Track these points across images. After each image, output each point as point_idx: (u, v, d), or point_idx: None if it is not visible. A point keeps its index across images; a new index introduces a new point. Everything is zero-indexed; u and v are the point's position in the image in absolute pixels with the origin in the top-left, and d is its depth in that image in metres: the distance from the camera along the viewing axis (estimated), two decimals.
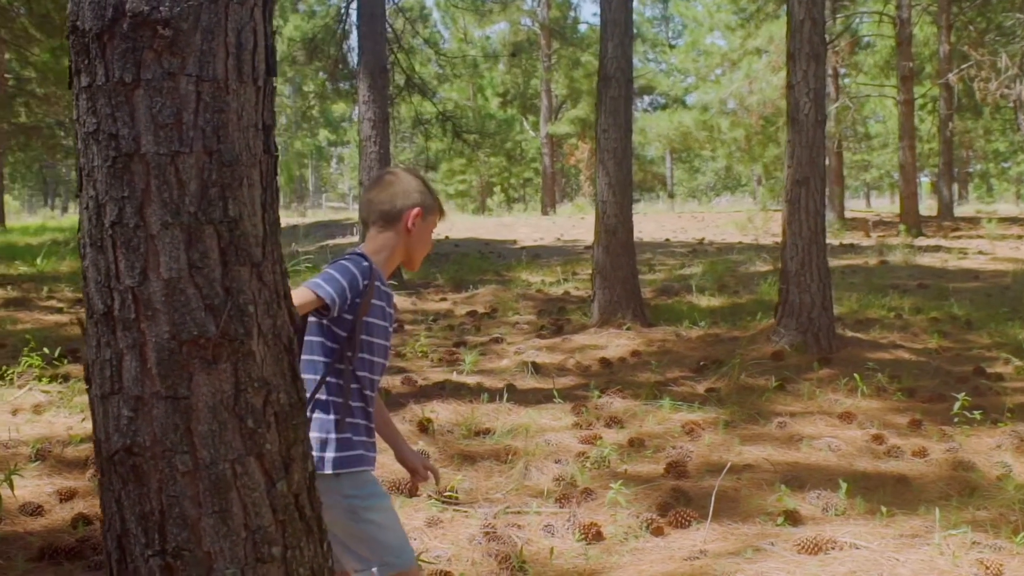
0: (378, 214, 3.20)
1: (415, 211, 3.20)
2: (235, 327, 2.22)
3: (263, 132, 2.35)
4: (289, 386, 2.33)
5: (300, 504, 2.32)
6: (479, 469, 6.45)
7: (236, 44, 2.25)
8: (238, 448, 2.22)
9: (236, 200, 2.27)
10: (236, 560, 2.22)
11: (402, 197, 3.20)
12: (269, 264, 2.37)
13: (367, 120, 17.19)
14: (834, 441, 6.93)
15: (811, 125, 10.39)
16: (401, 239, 3.20)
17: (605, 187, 12.32)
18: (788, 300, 10.53)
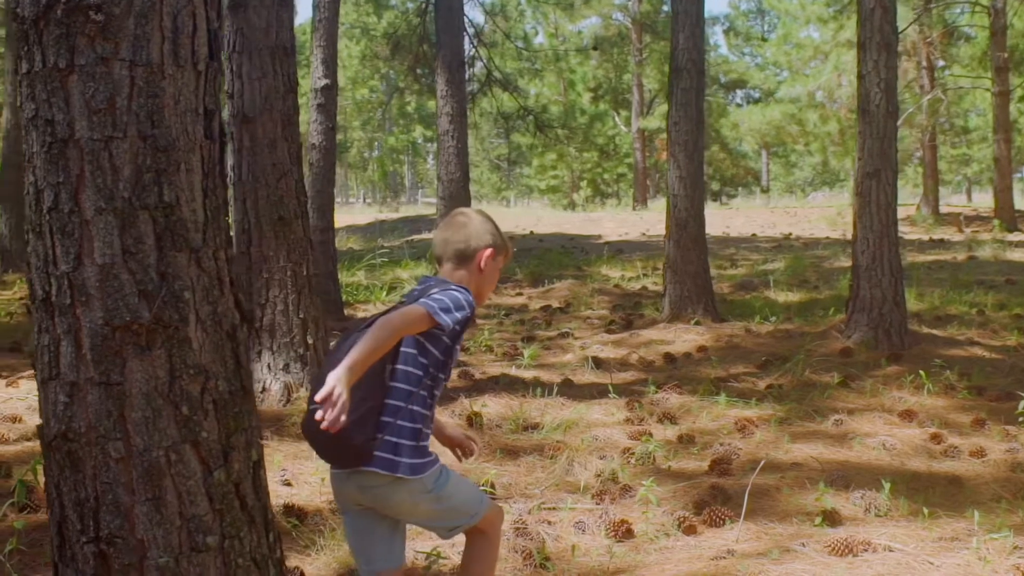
0: (452, 253, 3.37)
1: (488, 252, 3.37)
2: (170, 313, 2.20)
3: (204, 117, 2.32)
4: (231, 374, 2.30)
5: (241, 493, 2.29)
6: (521, 464, 6.39)
7: (172, 28, 2.22)
8: (173, 435, 2.19)
9: (172, 185, 2.24)
10: (170, 548, 2.20)
11: (476, 238, 3.37)
12: (210, 250, 2.33)
13: (445, 115, 17.16)
14: (889, 440, 6.73)
15: (882, 116, 10.12)
16: (473, 277, 3.36)
17: (676, 180, 12.15)
18: (859, 295, 10.28)
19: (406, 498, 3.14)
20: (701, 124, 12.25)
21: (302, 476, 6.01)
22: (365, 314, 14.02)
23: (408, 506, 3.19)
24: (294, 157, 7.71)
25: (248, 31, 7.52)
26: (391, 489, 3.12)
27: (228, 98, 7.71)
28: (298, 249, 7.66)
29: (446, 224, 3.44)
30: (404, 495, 3.12)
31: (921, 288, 15.06)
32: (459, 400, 7.85)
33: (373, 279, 17.76)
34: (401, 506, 3.19)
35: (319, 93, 13.18)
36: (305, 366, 7.59)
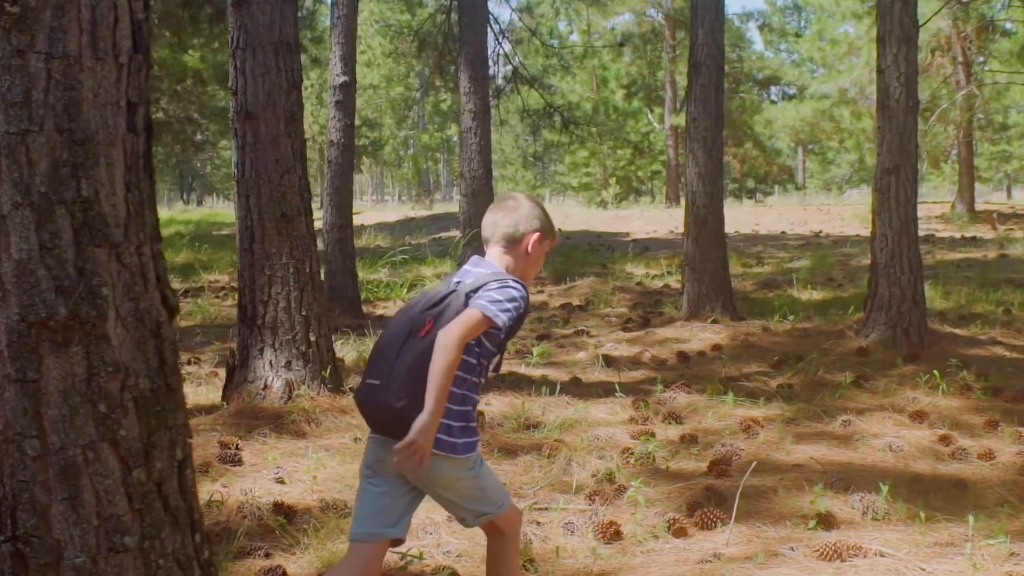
0: (501, 236, 3.46)
1: (535, 236, 3.47)
2: (87, 309, 2.14)
3: (127, 110, 2.27)
4: (153, 372, 2.24)
5: (163, 493, 2.23)
6: (518, 463, 6.31)
7: (91, 20, 2.17)
8: (90, 433, 2.15)
9: (91, 179, 2.18)
10: (87, 548, 2.15)
11: (525, 222, 3.46)
12: (132, 245, 2.27)
13: (468, 111, 17.12)
14: (897, 441, 6.60)
15: (902, 111, 9.98)
16: (520, 260, 3.46)
17: (695, 177, 12.04)
18: (877, 294, 10.15)
19: (449, 472, 3.26)
20: (720, 120, 12.13)
21: (296, 474, 5.97)
22: (384, 311, 14.01)
23: (448, 480, 3.30)
24: (297, 154, 7.67)
25: (252, 27, 7.49)
26: (440, 463, 3.22)
27: (232, 94, 7.68)
28: (301, 246, 7.62)
29: (496, 207, 3.54)
30: (449, 470, 3.24)
31: (948, 286, 14.87)
32: None
33: (396, 276, 17.74)
34: (441, 480, 3.29)
35: (337, 90, 13.16)
36: (307, 363, 7.56)
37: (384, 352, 3.25)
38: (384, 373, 3.21)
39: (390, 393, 3.16)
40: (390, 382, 3.18)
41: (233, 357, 7.71)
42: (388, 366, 3.20)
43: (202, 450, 6.40)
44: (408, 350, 3.19)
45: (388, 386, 3.17)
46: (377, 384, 3.22)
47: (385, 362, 3.23)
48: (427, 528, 5.07)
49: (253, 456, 6.37)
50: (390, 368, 3.19)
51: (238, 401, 7.42)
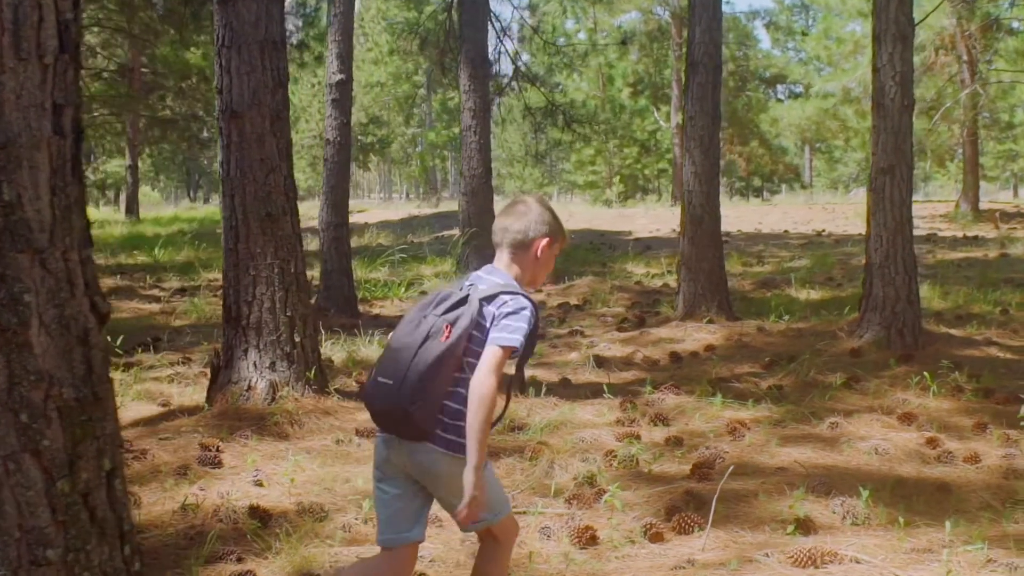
0: (511, 242, 3.51)
1: (545, 241, 3.52)
2: (8, 316, 2.09)
3: (52, 112, 2.21)
4: (79, 380, 2.19)
5: (90, 504, 2.18)
6: (500, 465, 6.26)
7: (13, 20, 2.12)
8: (11, 444, 2.09)
9: (13, 183, 2.13)
10: (8, 562, 2.09)
11: (534, 228, 3.51)
12: (58, 251, 2.22)
13: (468, 110, 17.11)
14: (883, 444, 6.54)
15: (897, 110, 9.90)
16: (530, 264, 3.53)
17: (691, 176, 11.97)
18: (872, 294, 10.07)
19: (456, 474, 3.21)
20: (717, 119, 12.06)
21: (275, 477, 5.93)
22: (381, 311, 13.96)
23: (453, 481, 3.26)
24: (283, 153, 7.62)
25: (237, 25, 7.44)
26: (444, 462, 3.28)
27: (217, 93, 7.64)
28: (286, 246, 7.57)
29: (506, 211, 3.58)
30: (456, 471, 3.22)
31: (947, 286, 14.78)
32: None
33: (396, 275, 17.68)
34: (447, 480, 3.31)
35: (334, 88, 13.12)
36: (292, 364, 7.51)
37: (399, 353, 3.28)
38: (398, 374, 3.24)
39: (402, 395, 3.21)
40: (403, 384, 3.22)
41: (218, 358, 7.66)
42: (403, 368, 3.24)
43: (183, 452, 6.37)
44: (424, 354, 3.23)
45: (400, 388, 3.22)
46: (390, 384, 3.26)
47: (399, 363, 3.26)
48: None
49: (233, 458, 6.33)
50: (405, 370, 3.23)
51: (222, 402, 7.38)
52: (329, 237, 13.25)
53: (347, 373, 8.76)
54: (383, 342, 10.35)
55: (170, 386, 8.65)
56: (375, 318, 13.14)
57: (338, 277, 13.20)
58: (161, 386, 8.66)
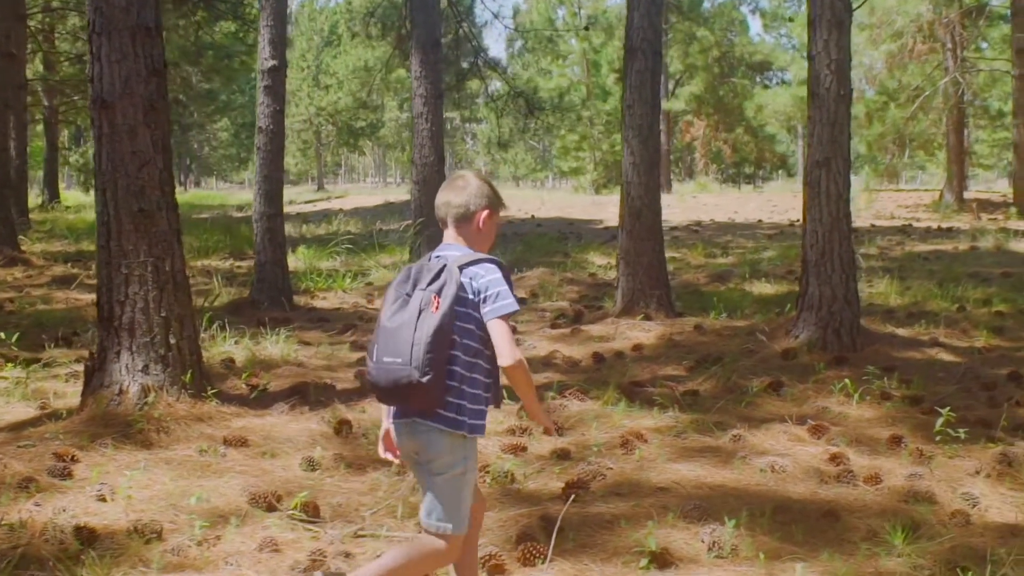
0: (454, 216, 3.70)
1: (485, 213, 3.72)
2: None
3: None
4: None
5: None
6: (365, 480, 5.81)
7: None
8: None
9: None
10: None
11: (474, 201, 3.70)
12: None
13: (419, 96, 16.63)
14: (781, 460, 6.07)
15: (833, 100, 9.43)
16: (474, 236, 3.71)
17: (629, 167, 11.50)
18: (807, 292, 9.62)
19: (447, 451, 3.50)
20: (657, 108, 11.58)
21: (122, 491, 5.45)
22: (323, 303, 13.52)
23: (446, 460, 3.52)
24: (158, 145, 7.13)
25: (107, 10, 6.96)
26: (444, 440, 3.49)
27: (89, 82, 7.17)
28: (162, 243, 7.10)
29: (447, 187, 3.76)
30: (448, 447, 3.50)
31: (909, 281, 14.36)
32: (332, 405, 7.29)
33: (352, 264, 17.21)
34: (441, 456, 3.52)
35: (266, 75, 12.61)
36: (167, 368, 7.05)
37: (398, 332, 3.42)
38: (404, 351, 3.38)
39: (414, 369, 3.35)
40: (412, 358, 3.36)
41: (92, 359, 7.21)
42: (407, 344, 3.38)
43: (36, 462, 5.93)
44: (424, 327, 3.37)
45: (411, 363, 3.35)
46: (398, 362, 3.38)
47: (402, 341, 3.39)
48: (237, 559, 4.59)
49: (88, 469, 5.88)
50: (410, 345, 3.37)
51: (92, 407, 6.92)
52: (263, 228, 12.79)
53: (242, 374, 8.30)
54: (293, 340, 9.91)
55: (65, 385, 8.24)
56: (311, 311, 12.71)
57: (272, 269, 12.74)
58: (57, 385, 8.26)
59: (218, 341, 9.51)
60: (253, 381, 8.02)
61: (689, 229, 23.75)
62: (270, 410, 7.22)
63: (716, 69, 45.87)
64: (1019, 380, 8.47)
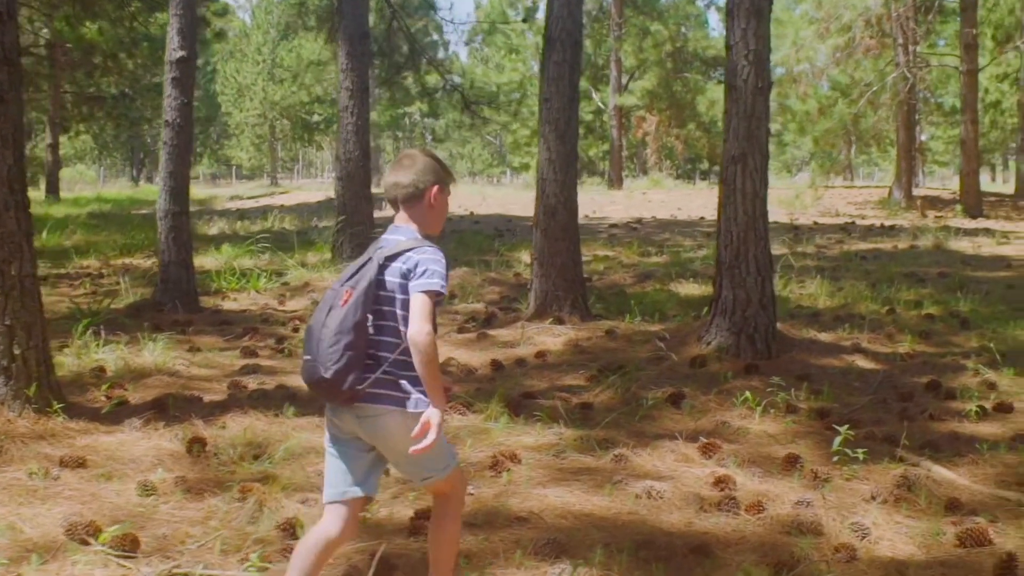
0: (404, 196, 3.67)
1: (435, 189, 3.69)
2: None
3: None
4: None
5: None
6: (202, 508, 5.25)
7: None
8: None
9: None
10: None
11: (423, 178, 3.66)
12: None
13: (345, 89, 16.06)
14: (660, 485, 5.56)
15: (750, 92, 8.96)
16: (426, 213, 3.68)
17: (545, 163, 10.98)
18: (721, 296, 9.15)
19: (401, 431, 3.47)
20: (575, 102, 11.06)
21: None
22: (234, 304, 12.91)
23: (400, 438, 3.49)
24: (7, 139, 6.55)
25: None
26: (389, 419, 3.48)
27: None
28: (8, 245, 6.52)
29: (395, 167, 3.71)
30: (400, 427, 3.47)
31: (842, 281, 13.93)
32: (190, 421, 6.72)
33: (275, 263, 16.56)
34: (393, 437, 3.52)
35: (174, 66, 11.97)
36: (9, 380, 6.47)
37: (312, 329, 3.48)
38: (313, 348, 3.45)
39: (319, 365, 3.41)
40: (318, 355, 3.42)
41: None
42: (315, 341, 3.44)
43: None
44: (329, 323, 3.42)
45: (317, 360, 3.42)
46: (309, 359, 3.46)
47: (313, 338, 3.46)
48: None
49: None
50: (317, 343, 3.43)
51: None
52: (167, 226, 12.15)
53: (101, 385, 7.70)
54: (174, 346, 9.33)
55: None
56: (216, 313, 12.10)
57: (176, 270, 12.12)
58: None
59: (91, 348, 8.89)
60: (113, 393, 7.44)
61: (629, 227, 23.28)
62: (122, 426, 6.64)
63: (669, 64, 45.42)
64: (937, 390, 8.03)
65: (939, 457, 6.25)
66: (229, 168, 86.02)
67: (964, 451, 6.36)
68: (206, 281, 14.07)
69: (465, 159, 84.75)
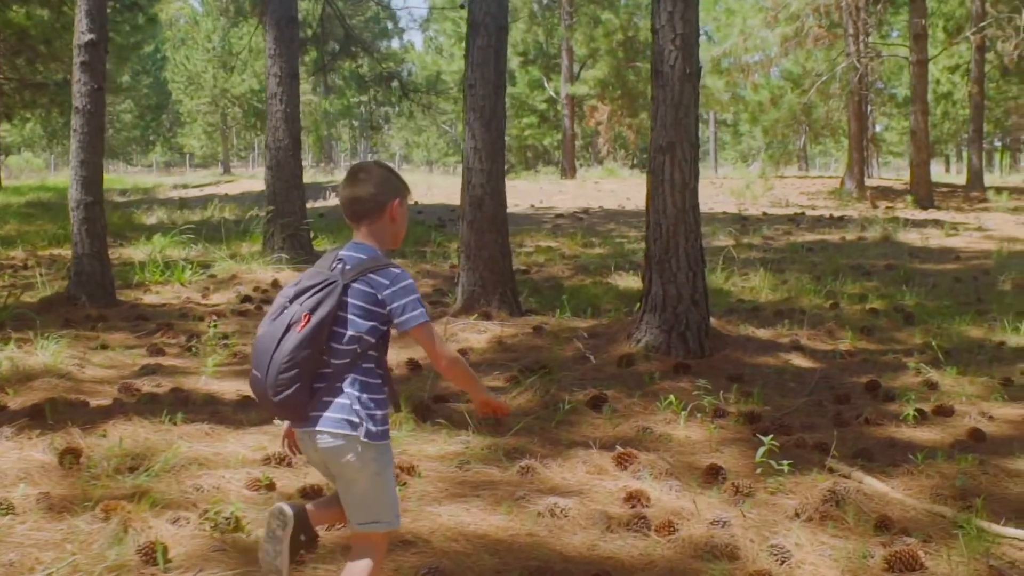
0: (364, 212, 3.47)
1: (395, 202, 3.51)
2: None
3: None
4: None
5: None
6: (62, 529, 4.71)
7: None
8: None
9: None
10: None
11: (382, 192, 3.47)
12: None
13: (273, 76, 15.44)
14: (565, 502, 5.08)
15: (678, 79, 8.50)
16: (387, 227, 3.50)
17: (471, 152, 10.48)
18: (651, 292, 8.70)
19: (353, 461, 3.29)
20: (501, 88, 10.56)
21: None
22: (157, 297, 12.34)
23: (353, 470, 3.32)
24: None
25: None
26: (345, 447, 3.28)
27: None
28: None
29: (349, 182, 3.52)
30: (353, 456, 3.28)
31: (787, 274, 13.56)
32: (67, 429, 6.18)
33: (206, 254, 15.94)
34: (346, 468, 3.32)
35: (82, 50, 11.33)
36: None
37: (261, 343, 3.29)
38: (263, 366, 3.26)
39: (268, 387, 3.24)
40: (267, 376, 3.23)
41: None
42: (267, 360, 3.24)
43: None
44: (285, 345, 3.23)
45: (266, 380, 3.24)
46: (259, 377, 3.28)
47: (263, 354, 3.27)
48: None
49: None
50: (268, 362, 3.24)
51: None
52: (80, 218, 11.54)
53: None
54: (71, 343, 8.77)
55: None
56: (133, 308, 11.52)
57: (90, 262, 11.52)
58: None
59: None
60: None
61: (575, 216, 22.83)
62: None
63: (621, 53, 44.90)
64: (876, 391, 7.63)
65: (872, 467, 5.83)
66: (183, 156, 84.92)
67: (899, 460, 5.94)
68: (129, 273, 13.47)
69: (421, 148, 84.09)
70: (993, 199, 26.44)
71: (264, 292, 12.54)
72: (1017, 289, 12.52)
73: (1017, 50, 23.90)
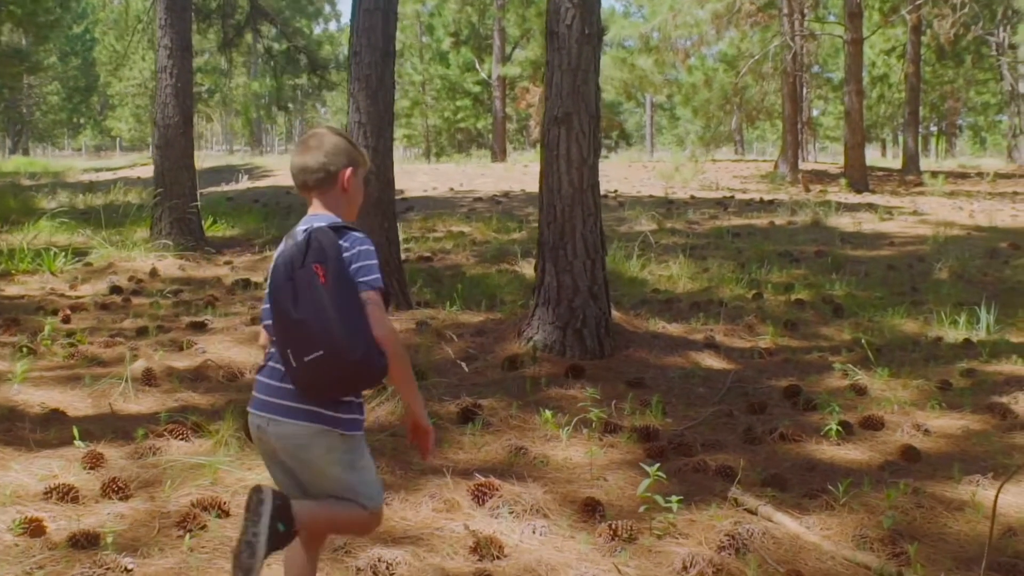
0: (315, 182, 3.24)
1: (348, 171, 3.26)
2: None
3: None
4: None
5: None
6: None
7: None
8: None
9: None
10: None
11: (333, 160, 3.23)
12: None
13: (163, 48, 14.25)
14: (394, 554, 4.03)
15: (575, 41, 7.50)
16: (341, 198, 3.28)
17: (355, 126, 9.41)
18: (544, 283, 7.68)
19: (322, 454, 3.05)
20: (389, 56, 9.49)
21: None
22: (17, 289, 11.13)
23: (321, 464, 3.06)
24: None
25: None
26: (311, 441, 3.02)
27: None
28: None
29: (301, 149, 3.27)
30: (321, 449, 3.04)
31: (709, 261, 12.63)
32: None
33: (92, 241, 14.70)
34: (314, 463, 3.07)
35: None
36: None
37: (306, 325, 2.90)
38: (322, 341, 2.89)
39: (348, 351, 2.89)
40: (335, 343, 2.87)
41: None
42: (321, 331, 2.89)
43: None
44: (334, 304, 2.91)
45: (343, 346, 2.88)
46: (322, 354, 2.89)
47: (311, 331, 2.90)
48: None
49: None
50: (325, 332, 2.88)
51: None
52: None
53: None
54: None
55: None
56: None
57: None
58: None
59: None
60: None
61: (494, 200, 21.81)
62: None
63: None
64: (796, 398, 6.67)
65: (785, 498, 4.84)
66: (113, 140, 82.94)
67: (818, 489, 4.91)
68: None
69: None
70: (929, 183, 25.77)
71: (140, 282, 11.38)
72: (954, 278, 11.68)
73: (953, 28, 23.23)
